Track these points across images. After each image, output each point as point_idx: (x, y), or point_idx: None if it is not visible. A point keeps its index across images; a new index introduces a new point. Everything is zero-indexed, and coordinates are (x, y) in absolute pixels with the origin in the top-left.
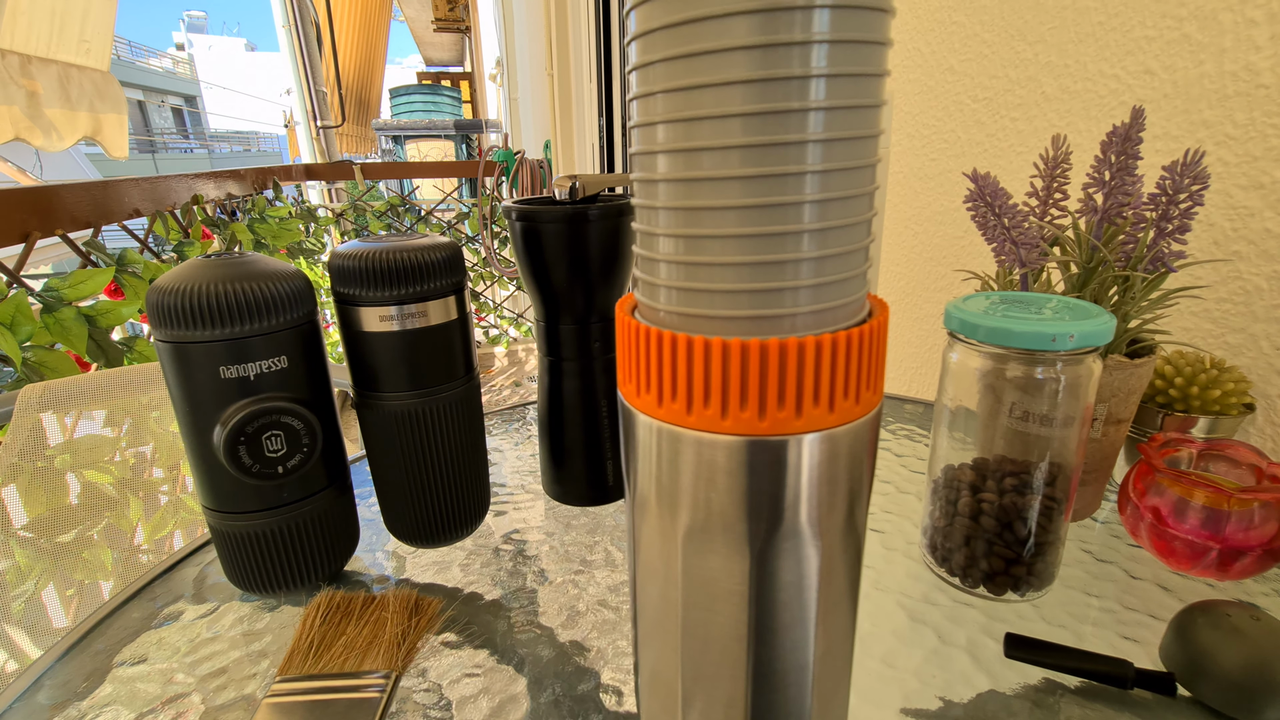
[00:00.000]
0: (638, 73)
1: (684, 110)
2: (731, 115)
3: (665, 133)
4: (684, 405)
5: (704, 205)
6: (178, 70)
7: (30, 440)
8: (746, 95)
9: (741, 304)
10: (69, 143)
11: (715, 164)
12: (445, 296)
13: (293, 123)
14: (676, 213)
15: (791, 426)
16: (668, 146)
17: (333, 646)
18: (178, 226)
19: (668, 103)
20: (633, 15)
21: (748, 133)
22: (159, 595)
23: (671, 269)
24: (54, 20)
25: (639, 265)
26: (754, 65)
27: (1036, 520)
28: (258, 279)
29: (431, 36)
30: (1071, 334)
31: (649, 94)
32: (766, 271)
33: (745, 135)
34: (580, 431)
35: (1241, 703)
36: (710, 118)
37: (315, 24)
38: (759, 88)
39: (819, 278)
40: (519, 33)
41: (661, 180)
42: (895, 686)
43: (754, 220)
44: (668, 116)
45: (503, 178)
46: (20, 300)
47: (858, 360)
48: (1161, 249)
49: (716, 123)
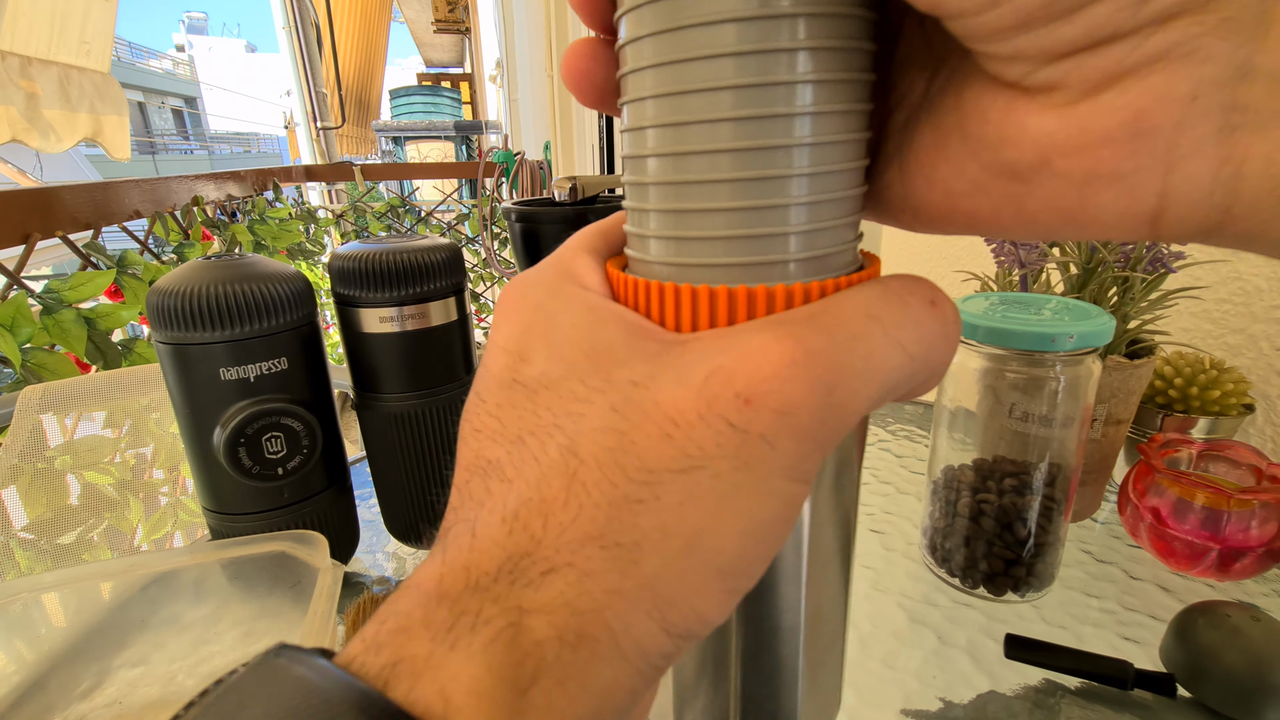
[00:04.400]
0: (625, 19)
1: (673, 54)
2: (723, 55)
3: (653, 78)
4: None
5: (694, 150)
6: (178, 72)
7: (30, 441)
8: (739, 33)
9: (735, 251)
10: (69, 144)
11: (704, 108)
12: (445, 297)
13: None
14: (666, 160)
15: None
16: (656, 91)
17: None
18: (178, 228)
19: (654, 46)
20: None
21: (739, 74)
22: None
23: (662, 218)
24: (54, 22)
25: (630, 220)
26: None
27: (1036, 521)
28: (258, 280)
29: (431, 38)
30: (1071, 335)
31: (637, 39)
32: (757, 217)
33: (737, 76)
34: None
35: (1241, 703)
36: (700, 58)
37: (315, 25)
38: (748, 26)
39: (810, 224)
40: (519, 34)
41: (651, 127)
42: (895, 687)
43: (745, 165)
44: (656, 61)
45: (503, 179)
46: (20, 302)
47: None
48: (1161, 249)
49: (706, 64)
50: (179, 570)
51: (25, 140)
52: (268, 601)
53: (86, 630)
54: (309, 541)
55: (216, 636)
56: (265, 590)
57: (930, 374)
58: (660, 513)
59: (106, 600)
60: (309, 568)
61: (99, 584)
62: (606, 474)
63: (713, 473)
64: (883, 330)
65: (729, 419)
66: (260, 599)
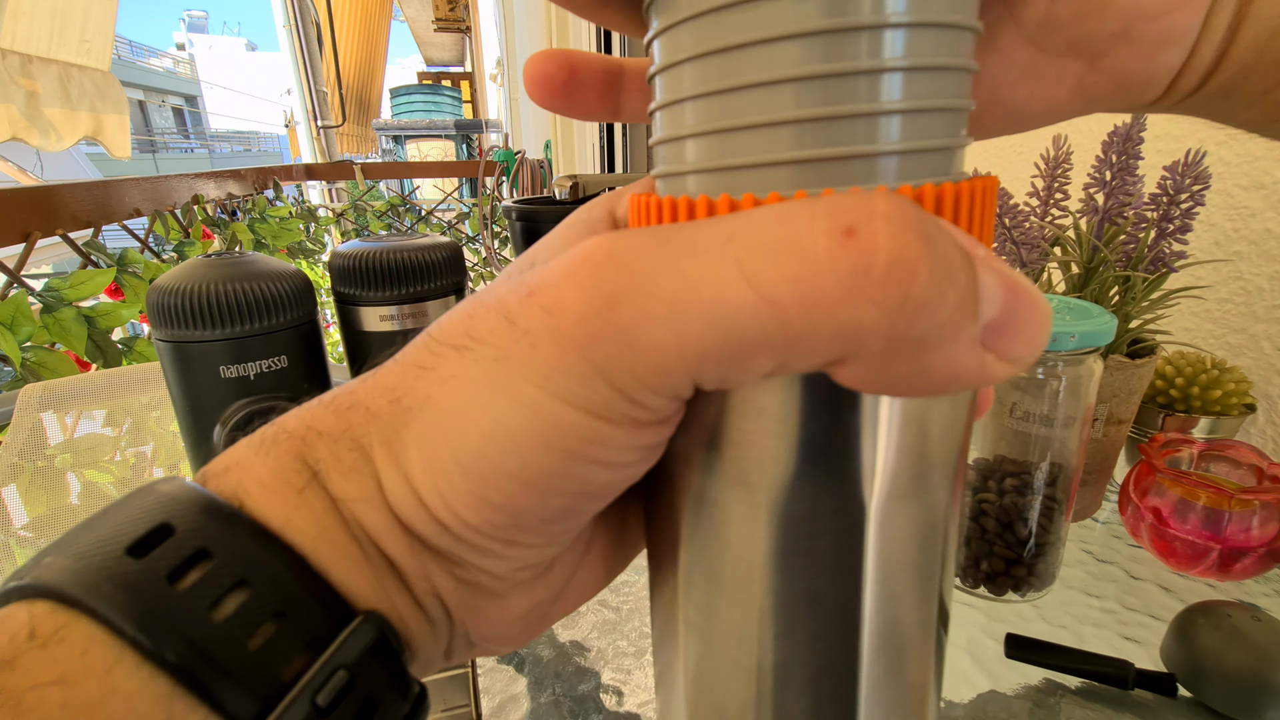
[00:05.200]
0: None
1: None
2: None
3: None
4: None
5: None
6: (178, 70)
7: (30, 440)
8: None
9: (806, 141)
10: (69, 143)
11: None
12: (445, 296)
13: (293, 123)
14: (706, 21)
15: None
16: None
17: None
18: (178, 226)
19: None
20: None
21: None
22: None
23: (703, 107)
24: (55, 20)
25: (661, 124)
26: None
27: (1037, 521)
28: (258, 279)
29: (432, 36)
30: (1072, 334)
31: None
32: (836, 90)
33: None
34: None
35: (1242, 703)
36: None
37: (316, 24)
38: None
39: (908, 101)
40: (519, 33)
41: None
42: None
43: (817, 13)
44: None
45: (503, 177)
46: (20, 300)
47: (967, 224)
48: (1162, 249)
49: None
50: None
51: (25, 138)
52: None
53: None
54: None
55: None
56: None
57: (835, 338)
58: (431, 383)
59: None
60: None
61: None
62: (422, 341)
63: (475, 357)
64: (733, 256)
65: (508, 308)
66: None
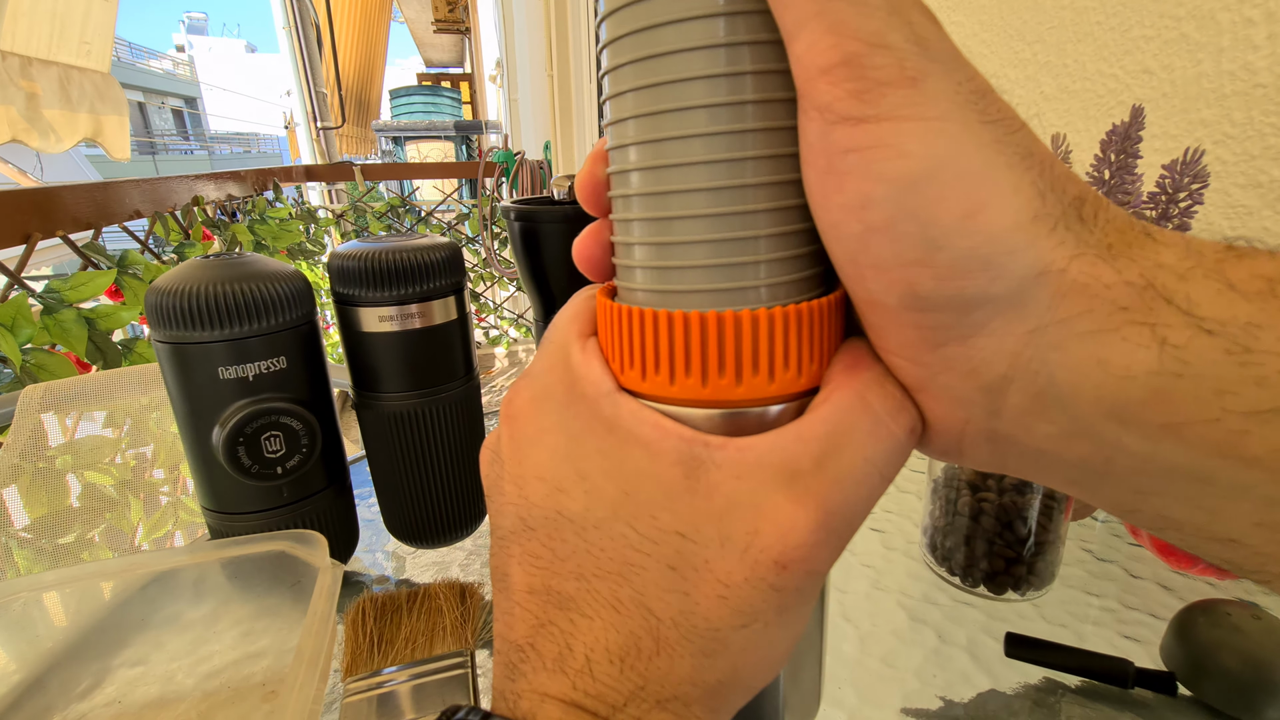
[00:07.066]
0: (608, 78)
1: (652, 106)
2: (695, 107)
3: (634, 126)
4: (666, 376)
5: (675, 189)
6: (178, 72)
7: (31, 441)
8: (706, 89)
9: (713, 278)
10: (69, 144)
11: (680, 152)
12: (445, 297)
13: (293, 124)
14: (650, 199)
15: (766, 391)
16: (638, 139)
17: (395, 641)
18: (178, 228)
19: (636, 101)
20: (603, 26)
21: (711, 123)
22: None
23: (647, 250)
24: (54, 22)
25: (617, 253)
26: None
27: (1036, 519)
28: (257, 280)
29: (431, 38)
30: None
31: (619, 93)
32: (731, 248)
33: (709, 125)
34: None
35: (1242, 701)
36: (675, 110)
37: (315, 25)
38: (716, 82)
39: (773, 253)
40: (519, 33)
41: (634, 170)
42: (895, 686)
43: (718, 202)
44: (637, 112)
45: (503, 178)
46: (21, 302)
47: (809, 330)
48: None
49: (681, 115)
50: (179, 570)
51: (25, 140)
52: (267, 601)
53: (86, 629)
54: (308, 541)
55: (216, 636)
56: (265, 590)
57: None
58: (730, 658)
59: (106, 600)
60: (309, 567)
61: (99, 583)
62: (682, 633)
63: (763, 624)
64: (878, 472)
65: (770, 582)
66: (260, 598)
